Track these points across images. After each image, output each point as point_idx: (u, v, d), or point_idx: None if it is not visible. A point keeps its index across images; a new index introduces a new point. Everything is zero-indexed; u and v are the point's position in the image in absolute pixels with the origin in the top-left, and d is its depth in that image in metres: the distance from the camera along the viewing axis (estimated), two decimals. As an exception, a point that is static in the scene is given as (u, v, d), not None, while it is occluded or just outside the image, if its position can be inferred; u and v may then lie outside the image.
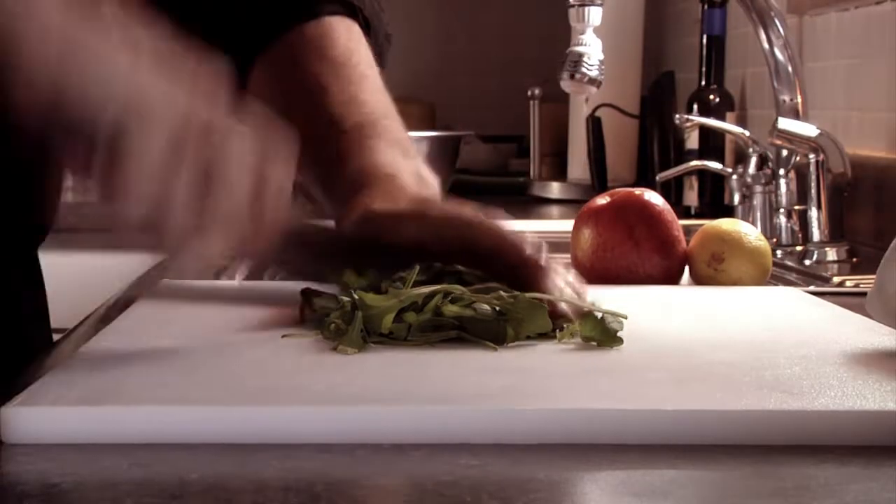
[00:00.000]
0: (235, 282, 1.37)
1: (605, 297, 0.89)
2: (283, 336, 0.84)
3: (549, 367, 0.77)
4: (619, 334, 0.82)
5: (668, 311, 0.99)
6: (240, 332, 0.86)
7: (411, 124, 1.09)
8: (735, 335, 0.89)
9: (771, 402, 0.68)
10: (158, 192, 0.71)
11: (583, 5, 1.59)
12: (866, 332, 0.88)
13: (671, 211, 1.20)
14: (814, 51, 1.90)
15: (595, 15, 1.59)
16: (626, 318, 0.85)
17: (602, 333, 0.83)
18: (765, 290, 1.12)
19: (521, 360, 0.79)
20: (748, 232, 1.20)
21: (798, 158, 1.60)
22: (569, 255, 1.22)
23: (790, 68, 1.61)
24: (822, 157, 1.53)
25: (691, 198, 2.19)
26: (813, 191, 1.54)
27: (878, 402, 0.68)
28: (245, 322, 0.90)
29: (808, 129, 1.55)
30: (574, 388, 0.71)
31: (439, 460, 0.62)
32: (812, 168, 1.54)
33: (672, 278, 1.18)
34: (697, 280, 1.19)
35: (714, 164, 1.87)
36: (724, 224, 1.22)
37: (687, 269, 1.20)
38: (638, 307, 0.97)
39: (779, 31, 1.60)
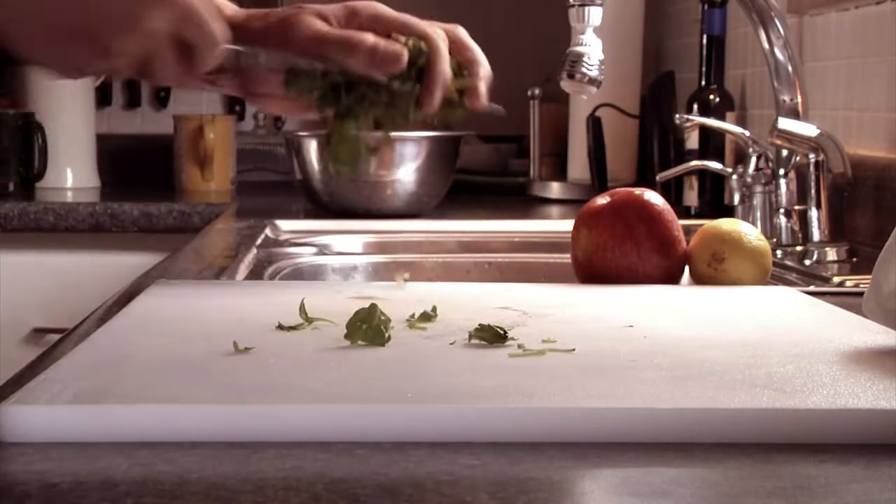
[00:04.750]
0: (234, 281, 1.37)
1: (605, 297, 0.89)
2: (277, 327, 0.84)
3: (548, 367, 0.77)
4: (616, 337, 0.82)
5: (666, 310, 0.99)
6: (238, 332, 0.86)
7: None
8: (730, 334, 0.89)
9: (763, 400, 0.68)
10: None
11: (583, 5, 1.59)
12: (861, 332, 0.88)
13: (671, 211, 1.20)
14: (814, 51, 1.90)
15: (595, 15, 1.59)
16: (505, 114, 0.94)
17: (493, 336, 0.83)
18: (761, 290, 1.12)
19: (520, 359, 0.79)
20: (748, 232, 1.20)
21: (798, 158, 1.60)
22: (569, 255, 1.22)
23: (790, 68, 1.61)
24: (822, 157, 1.53)
25: (691, 198, 2.18)
26: (813, 191, 1.54)
27: (869, 400, 0.68)
28: (243, 321, 0.90)
29: (808, 129, 1.55)
30: (572, 388, 0.71)
31: (439, 460, 0.62)
32: (812, 168, 1.54)
33: (672, 278, 1.18)
34: (697, 280, 1.19)
35: (714, 164, 1.87)
36: (724, 224, 1.22)
37: (687, 269, 1.20)
38: (637, 307, 0.97)
39: (779, 31, 1.60)
